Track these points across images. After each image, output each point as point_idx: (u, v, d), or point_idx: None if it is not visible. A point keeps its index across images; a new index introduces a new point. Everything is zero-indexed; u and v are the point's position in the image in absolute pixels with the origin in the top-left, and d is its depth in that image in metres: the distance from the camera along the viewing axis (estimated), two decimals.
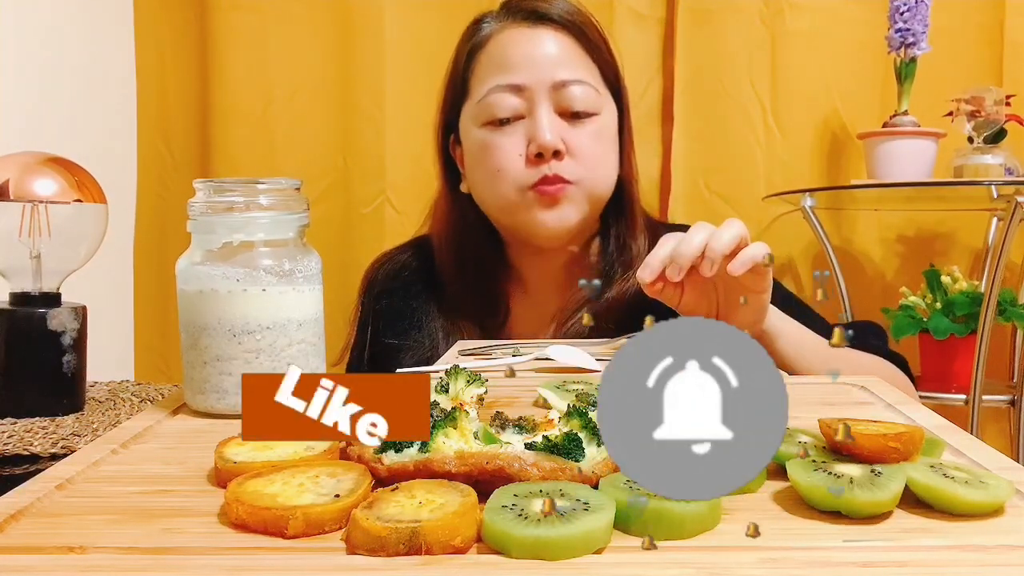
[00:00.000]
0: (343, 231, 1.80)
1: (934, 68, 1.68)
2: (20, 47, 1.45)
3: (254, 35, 1.78)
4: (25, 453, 0.78)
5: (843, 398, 0.62)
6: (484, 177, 1.01)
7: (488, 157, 0.99)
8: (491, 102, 0.98)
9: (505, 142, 0.98)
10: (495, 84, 0.98)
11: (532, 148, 0.96)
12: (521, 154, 0.97)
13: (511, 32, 1.01)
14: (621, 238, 1.04)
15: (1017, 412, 1.61)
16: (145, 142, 1.85)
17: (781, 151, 1.76)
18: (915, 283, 1.71)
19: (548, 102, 0.97)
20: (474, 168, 1.02)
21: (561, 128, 0.97)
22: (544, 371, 0.73)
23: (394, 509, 0.36)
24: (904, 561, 0.34)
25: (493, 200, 1.02)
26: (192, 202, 0.60)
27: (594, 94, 0.99)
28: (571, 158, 0.97)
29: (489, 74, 1.00)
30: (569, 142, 0.97)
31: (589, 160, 0.98)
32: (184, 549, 0.36)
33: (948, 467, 0.41)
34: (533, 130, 0.96)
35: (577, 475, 0.40)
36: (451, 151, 1.08)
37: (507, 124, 0.98)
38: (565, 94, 0.97)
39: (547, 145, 0.95)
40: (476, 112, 1.00)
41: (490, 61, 1.00)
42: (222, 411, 0.59)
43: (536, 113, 0.97)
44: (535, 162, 0.97)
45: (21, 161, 0.96)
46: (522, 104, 0.97)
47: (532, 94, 0.97)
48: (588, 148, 0.98)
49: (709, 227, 0.76)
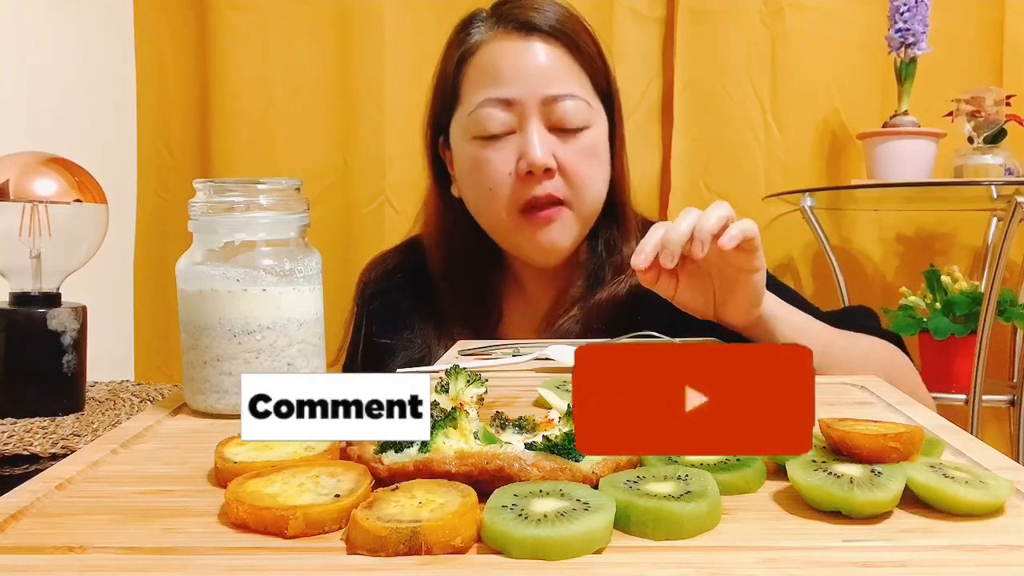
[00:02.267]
0: (343, 231, 1.80)
1: (934, 68, 1.68)
2: (20, 47, 1.45)
3: (254, 35, 1.78)
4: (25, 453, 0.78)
5: (843, 398, 0.62)
6: (476, 195, 1.01)
7: (478, 174, 0.99)
8: (481, 116, 0.97)
9: (495, 157, 0.97)
10: (485, 97, 0.97)
11: (522, 165, 0.96)
12: (511, 172, 0.97)
13: (502, 43, 0.99)
14: (612, 240, 1.04)
15: (1017, 412, 1.61)
16: (145, 142, 1.85)
17: (781, 151, 1.76)
18: (915, 283, 1.71)
19: (538, 117, 0.96)
20: (465, 181, 1.02)
21: (552, 144, 0.97)
22: (544, 371, 0.73)
23: (394, 509, 0.36)
24: (904, 561, 0.34)
25: (485, 220, 1.02)
26: (193, 202, 0.60)
27: (585, 108, 0.98)
28: (561, 175, 0.97)
29: (479, 85, 0.99)
30: (560, 159, 0.97)
31: (580, 178, 0.98)
32: (184, 549, 0.36)
33: (948, 467, 0.41)
34: (524, 147, 0.96)
35: (577, 475, 0.40)
36: (440, 153, 1.07)
37: (497, 139, 0.97)
38: (556, 109, 0.96)
39: (538, 163, 0.95)
40: (467, 124, 0.99)
41: (480, 72, 0.99)
42: (222, 411, 0.59)
43: (527, 129, 0.96)
44: (525, 179, 0.96)
45: (21, 161, 0.96)
46: (512, 119, 0.97)
47: (523, 109, 0.96)
48: (579, 165, 0.98)
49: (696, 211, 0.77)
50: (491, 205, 0.99)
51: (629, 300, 1.01)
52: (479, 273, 1.07)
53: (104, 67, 1.74)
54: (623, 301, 1.01)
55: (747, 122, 1.76)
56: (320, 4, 1.79)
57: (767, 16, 1.75)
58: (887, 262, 1.82)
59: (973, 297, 1.60)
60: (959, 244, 1.82)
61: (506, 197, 0.98)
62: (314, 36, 1.79)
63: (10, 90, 1.41)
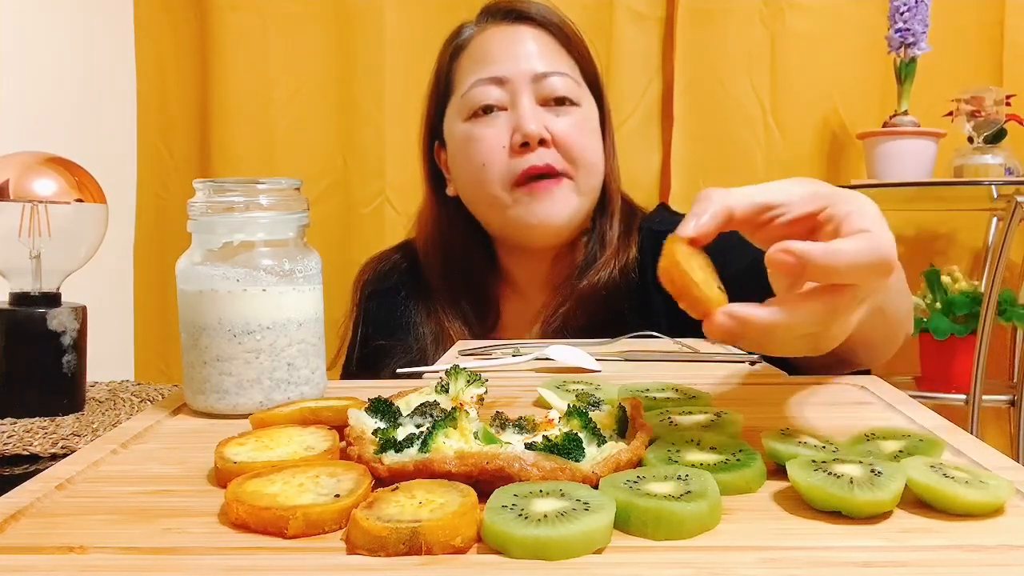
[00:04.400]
0: (343, 231, 1.80)
1: (934, 68, 1.68)
2: (20, 47, 1.45)
3: (254, 35, 1.78)
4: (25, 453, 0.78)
5: (843, 398, 0.62)
6: (470, 175, 1.01)
7: (472, 151, 1.00)
8: (473, 94, 0.99)
9: (488, 133, 0.98)
10: (477, 78, 1.00)
11: (516, 138, 0.97)
12: (505, 146, 0.98)
13: (492, 31, 1.03)
14: (603, 232, 1.04)
15: (1017, 412, 1.61)
16: (145, 142, 1.85)
17: (781, 151, 1.76)
18: (915, 283, 1.71)
19: (530, 93, 0.99)
20: (459, 166, 1.03)
21: (544, 117, 0.98)
22: (544, 371, 0.73)
23: (394, 509, 0.36)
24: (904, 561, 0.34)
25: (481, 199, 1.02)
26: (192, 202, 0.60)
27: (574, 85, 1.01)
28: (556, 148, 0.98)
29: (471, 71, 1.01)
30: (553, 130, 0.98)
31: (574, 148, 0.99)
32: (184, 549, 0.36)
33: (948, 467, 0.41)
34: (517, 120, 0.98)
35: (577, 475, 0.40)
36: (436, 157, 1.09)
37: (490, 114, 0.99)
38: (546, 84, 0.99)
39: (531, 134, 0.96)
40: (460, 106, 1.01)
41: (472, 59, 1.03)
42: (222, 411, 0.59)
43: (518, 103, 0.98)
44: (520, 152, 0.97)
45: (21, 161, 0.96)
46: (504, 96, 0.99)
47: (514, 86, 0.99)
48: (572, 136, 0.99)
49: None
50: (485, 181, 0.99)
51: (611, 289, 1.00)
52: (476, 275, 1.08)
53: (104, 67, 1.74)
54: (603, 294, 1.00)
55: (747, 122, 1.77)
56: (320, 4, 1.79)
57: (767, 16, 1.75)
58: None
59: (973, 297, 1.60)
60: (959, 244, 1.82)
61: (500, 172, 0.98)
62: (314, 36, 1.79)
63: (10, 90, 1.41)
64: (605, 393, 0.58)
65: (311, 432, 0.49)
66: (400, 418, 0.49)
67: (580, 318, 0.99)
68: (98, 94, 1.71)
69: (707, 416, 0.51)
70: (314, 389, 0.61)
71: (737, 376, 0.71)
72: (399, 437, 0.45)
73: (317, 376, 0.62)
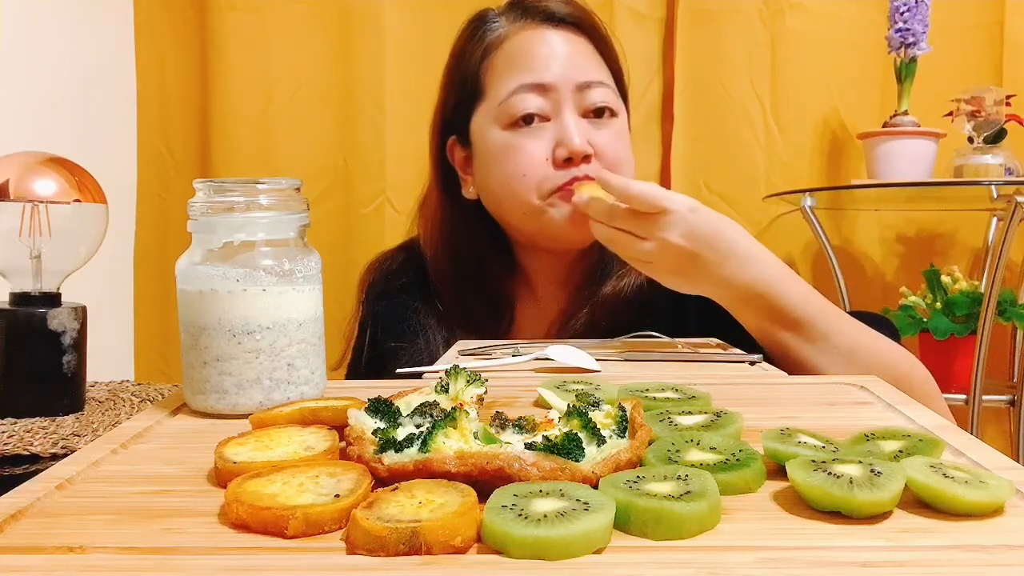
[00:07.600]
0: (343, 231, 1.80)
1: (934, 68, 1.68)
2: (20, 47, 1.45)
3: (254, 35, 1.78)
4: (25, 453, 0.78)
5: (843, 398, 0.62)
6: (504, 180, 0.98)
7: (511, 160, 0.97)
8: (516, 102, 0.96)
9: (530, 144, 0.96)
10: (520, 83, 0.96)
11: (561, 152, 0.95)
12: (547, 159, 0.96)
13: (530, 33, 0.99)
14: None
15: (1017, 412, 1.61)
16: (145, 142, 1.85)
17: (781, 151, 1.77)
18: (915, 283, 1.72)
19: (572, 104, 0.96)
20: (491, 171, 1.00)
21: (587, 130, 0.96)
22: (544, 371, 0.73)
23: (394, 509, 0.36)
24: (904, 561, 0.34)
25: (514, 208, 0.99)
26: (192, 202, 0.60)
27: (613, 95, 0.99)
28: (596, 160, 0.97)
29: (510, 74, 0.98)
30: (595, 143, 0.96)
31: (613, 161, 0.97)
32: (184, 549, 0.36)
33: (948, 467, 0.41)
34: (562, 134, 0.95)
35: (577, 475, 0.40)
36: (448, 155, 1.06)
37: (531, 124, 0.96)
38: (589, 95, 0.97)
39: (577, 150, 0.94)
40: (498, 113, 0.98)
41: (509, 61, 0.99)
42: (222, 411, 0.59)
43: (563, 116, 0.96)
44: (563, 166, 0.95)
45: (21, 161, 0.96)
46: (546, 105, 0.96)
47: (558, 95, 0.96)
48: (612, 148, 0.97)
49: None
50: (521, 191, 0.97)
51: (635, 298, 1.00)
52: (491, 277, 1.06)
53: (104, 67, 1.74)
54: (628, 298, 1.00)
55: (747, 122, 1.77)
56: (320, 4, 1.79)
57: (767, 16, 1.75)
58: (887, 262, 1.82)
59: (973, 297, 1.60)
60: (959, 244, 1.82)
61: (539, 183, 0.96)
62: (314, 36, 1.79)
63: (10, 90, 1.41)
64: (605, 393, 0.58)
65: (311, 432, 0.49)
66: (400, 418, 0.49)
67: (601, 322, 0.99)
68: (98, 94, 1.71)
69: (707, 416, 0.51)
70: (314, 389, 0.61)
71: (737, 376, 0.72)
72: (399, 437, 0.45)
73: (317, 376, 0.62)
